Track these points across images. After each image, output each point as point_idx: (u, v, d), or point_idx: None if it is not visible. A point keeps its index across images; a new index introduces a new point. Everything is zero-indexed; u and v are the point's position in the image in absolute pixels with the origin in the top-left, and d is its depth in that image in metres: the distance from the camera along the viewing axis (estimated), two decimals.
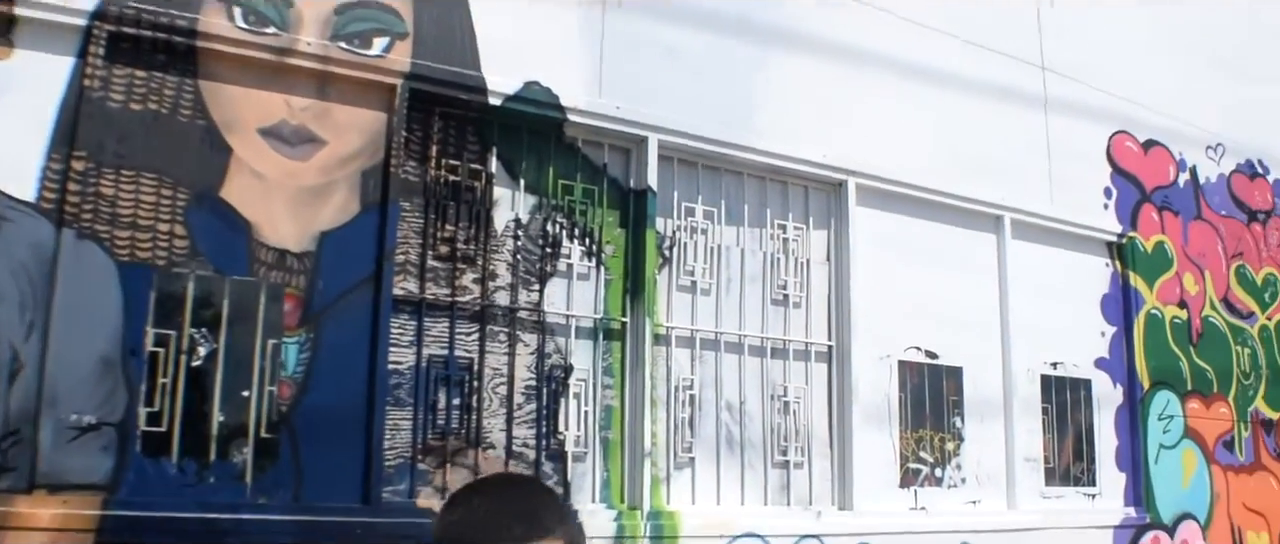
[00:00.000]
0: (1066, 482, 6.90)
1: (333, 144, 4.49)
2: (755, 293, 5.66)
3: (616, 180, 5.27)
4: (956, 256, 6.52)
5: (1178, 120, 8.12)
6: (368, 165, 4.55)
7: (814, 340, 5.81)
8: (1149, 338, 7.46)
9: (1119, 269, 7.42)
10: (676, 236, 5.42)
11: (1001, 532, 6.31)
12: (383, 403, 4.42)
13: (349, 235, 4.47)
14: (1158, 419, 7.42)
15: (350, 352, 4.37)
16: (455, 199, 4.78)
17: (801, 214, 5.91)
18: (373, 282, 4.46)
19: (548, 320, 4.96)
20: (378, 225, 4.51)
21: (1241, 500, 7.97)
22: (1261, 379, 8.37)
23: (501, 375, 4.79)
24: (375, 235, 4.51)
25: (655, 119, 5.28)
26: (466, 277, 4.77)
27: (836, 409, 5.81)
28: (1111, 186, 7.48)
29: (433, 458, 4.57)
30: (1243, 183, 8.66)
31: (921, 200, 6.34)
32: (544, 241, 5.00)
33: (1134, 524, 7.08)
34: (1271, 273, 8.68)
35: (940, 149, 6.49)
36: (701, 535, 5.10)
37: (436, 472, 4.55)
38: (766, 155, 5.68)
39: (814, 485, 5.69)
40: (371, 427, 4.37)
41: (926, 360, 6.25)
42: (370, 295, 4.45)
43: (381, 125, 4.60)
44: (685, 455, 5.27)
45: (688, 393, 5.32)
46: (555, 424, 4.89)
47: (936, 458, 6.20)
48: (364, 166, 4.54)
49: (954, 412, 6.33)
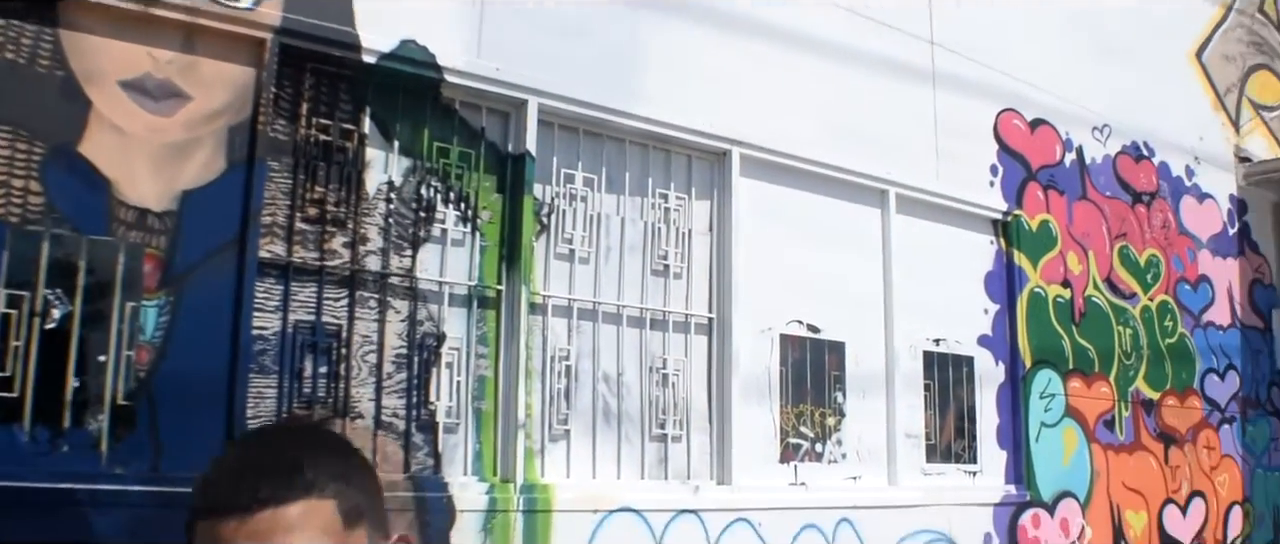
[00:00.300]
0: (947, 459, 7.09)
1: (198, 99, 4.42)
2: (635, 262, 5.73)
3: (494, 144, 5.28)
4: (841, 230, 6.66)
5: (1065, 100, 8.34)
6: (235, 122, 4.49)
7: (694, 312, 5.90)
8: (1032, 316, 7.68)
9: (1003, 247, 7.62)
10: (555, 203, 5.46)
11: (882, 508, 6.47)
12: (246, 370, 4.37)
13: (213, 195, 4.40)
14: (1039, 397, 7.64)
15: (213, 316, 4.31)
16: (326, 160, 4.76)
17: (684, 183, 5.99)
18: (237, 243, 4.39)
19: (420, 287, 4.96)
20: (244, 185, 4.44)
21: (1121, 479, 8.25)
22: (1142, 359, 8.65)
23: (371, 343, 4.79)
24: (241, 195, 4.44)
25: (536, 82, 5.30)
26: (336, 240, 4.75)
27: (716, 382, 5.91)
28: (998, 164, 7.67)
29: None
30: (1128, 164, 8.93)
31: (806, 172, 6.45)
32: (418, 206, 5.00)
33: (1014, 502, 7.29)
34: (1154, 254, 8.98)
35: (827, 121, 6.61)
36: (576, 509, 5.15)
37: None
38: (650, 122, 5.74)
39: (692, 459, 5.78)
40: (234, 395, 4.31)
41: (808, 334, 6.37)
42: (235, 258, 4.38)
43: (250, 81, 4.54)
44: (560, 428, 5.32)
45: (564, 364, 5.36)
46: (426, 394, 4.91)
47: (817, 433, 6.33)
48: (231, 123, 4.48)
49: (835, 387, 6.47)
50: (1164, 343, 8.92)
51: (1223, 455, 9.48)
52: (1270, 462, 10.19)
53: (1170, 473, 8.80)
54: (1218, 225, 9.96)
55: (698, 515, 5.59)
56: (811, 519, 6.07)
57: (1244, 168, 10.46)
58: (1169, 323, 9.02)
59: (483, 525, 4.86)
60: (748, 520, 5.78)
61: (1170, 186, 9.40)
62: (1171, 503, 8.76)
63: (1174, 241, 9.28)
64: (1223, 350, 9.69)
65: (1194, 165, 9.74)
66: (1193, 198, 9.67)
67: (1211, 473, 9.30)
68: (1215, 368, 9.54)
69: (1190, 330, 9.27)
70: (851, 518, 6.26)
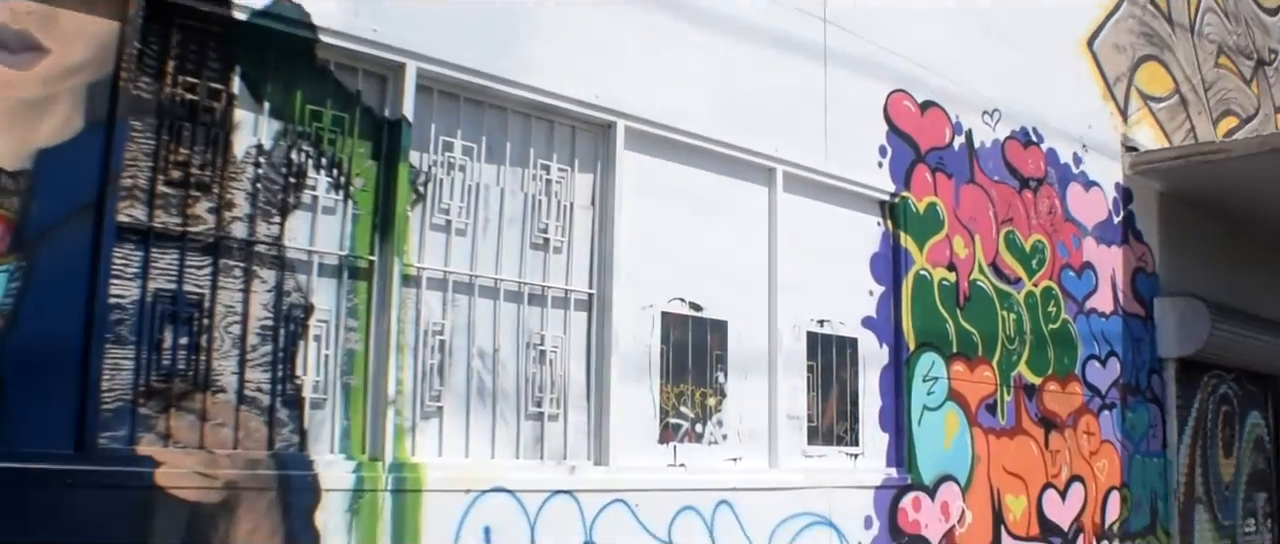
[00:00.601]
0: (829, 441, 7.13)
1: (57, 53, 4.25)
2: (514, 235, 5.66)
3: (370, 109, 5.17)
4: (726, 207, 6.65)
5: (956, 83, 8.42)
6: (95, 79, 4.31)
7: (574, 287, 5.85)
8: (917, 299, 7.75)
9: (890, 228, 7.68)
10: (432, 172, 5.37)
11: (762, 490, 6.49)
12: (102, 340, 4.23)
13: (71, 154, 4.23)
14: (922, 381, 7.72)
15: (67, 283, 4.16)
16: (192, 120, 4.61)
17: (567, 155, 5.93)
18: (95, 207, 4.24)
19: (288, 256, 4.84)
20: (103, 145, 4.28)
21: (1002, 464, 8.38)
22: (1026, 345, 8.79)
23: (235, 314, 4.66)
24: (100, 156, 4.28)
25: (415, 45, 5.20)
26: (200, 205, 4.61)
27: (595, 360, 5.88)
28: (887, 145, 7.72)
29: (156, 402, 4.41)
30: (1016, 149, 9.05)
31: (693, 147, 6.44)
32: (288, 171, 4.87)
33: (895, 485, 7.37)
34: (1040, 240, 9.11)
35: (715, 96, 6.59)
36: (447, 489, 5.09)
37: (160, 417, 4.40)
38: (533, 91, 5.67)
39: (569, 439, 5.74)
40: (88, 366, 4.17)
41: (691, 313, 6.35)
42: (92, 222, 4.23)
43: (113, 35, 4.37)
44: (433, 405, 5.24)
45: (438, 338, 5.28)
46: (292, 368, 4.79)
47: (697, 413, 6.32)
48: (91, 80, 4.30)
49: (717, 366, 6.46)
50: (1047, 328, 9.06)
51: (1102, 441, 9.69)
52: (1149, 448, 10.44)
53: (1050, 458, 8.97)
54: (1103, 213, 10.14)
55: (574, 496, 5.55)
56: (690, 501, 6.07)
57: (1131, 157, 10.67)
58: (1053, 309, 9.16)
59: (349, 505, 4.76)
60: (625, 502, 5.75)
61: (1058, 173, 9.55)
62: (1051, 487, 8.93)
63: (1060, 228, 9.43)
64: (1105, 337, 9.89)
65: (1082, 153, 9.91)
66: (1079, 185, 9.84)
67: (1091, 458, 9.49)
68: (1097, 354, 9.73)
69: (1073, 317, 9.43)
70: (731, 500, 6.27)
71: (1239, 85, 13.72)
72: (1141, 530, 10.14)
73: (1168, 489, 10.66)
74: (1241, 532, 12.18)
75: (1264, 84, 14.46)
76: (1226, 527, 11.80)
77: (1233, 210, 11.88)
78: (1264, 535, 12.83)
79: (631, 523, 5.78)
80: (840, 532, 6.92)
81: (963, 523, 7.90)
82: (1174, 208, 11.31)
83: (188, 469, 4.33)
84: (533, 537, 5.36)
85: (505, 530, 5.26)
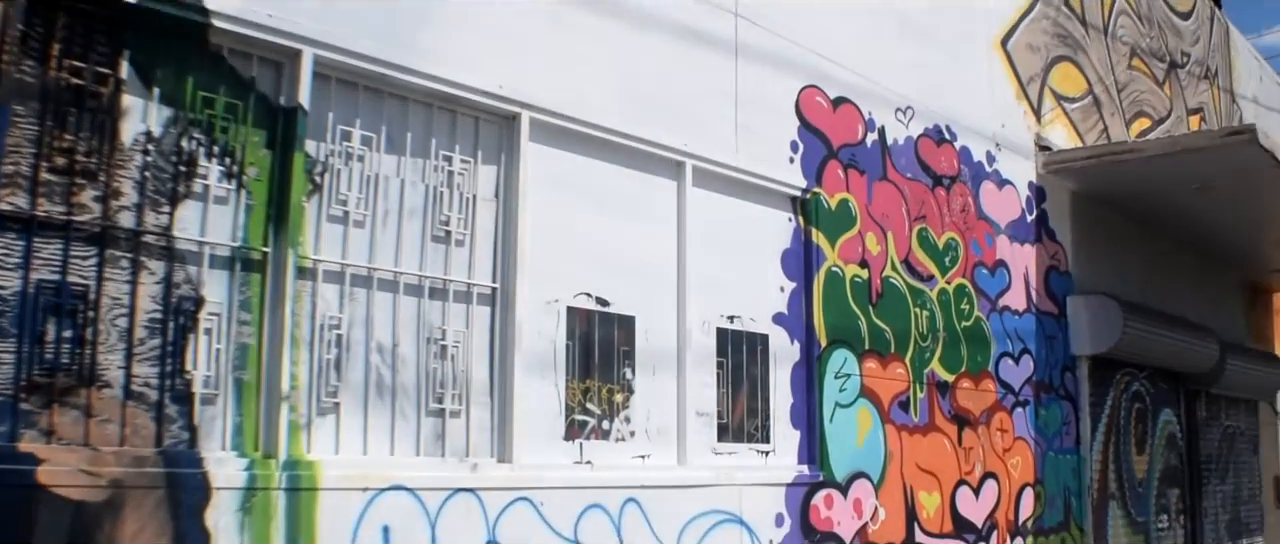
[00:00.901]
0: (739, 438, 7.10)
1: None
2: (414, 228, 5.56)
3: (265, 96, 5.05)
4: (634, 201, 6.60)
5: (869, 80, 8.44)
6: None
7: (476, 281, 5.77)
8: (828, 295, 7.74)
9: (801, 224, 7.66)
10: (329, 162, 5.26)
11: (670, 487, 6.45)
12: None
13: None
14: (834, 377, 7.71)
15: None
16: (78, 106, 4.47)
17: (470, 146, 5.85)
18: None
19: (178, 247, 4.70)
20: None
21: (915, 461, 8.40)
22: (938, 342, 8.81)
23: (122, 306, 4.52)
24: None
25: (312, 31, 5.09)
26: (86, 193, 4.47)
27: (498, 355, 5.80)
28: (798, 140, 7.71)
29: (39, 397, 4.26)
30: (929, 147, 9.08)
31: (600, 140, 6.38)
32: (178, 159, 4.74)
33: (806, 482, 7.35)
34: (953, 237, 9.15)
35: (624, 89, 6.54)
36: (344, 487, 4.98)
37: (42, 413, 4.26)
38: (435, 81, 5.58)
39: (471, 436, 5.66)
40: None
41: (597, 307, 6.29)
42: None
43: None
44: (329, 401, 5.13)
45: (335, 333, 5.17)
46: (182, 362, 4.66)
47: (604, 410, 6.26)
48: None
49: (624, 362, 6.41)
50: (960, 326, 9.11)
51: (1016, 438, 9.76)
52: (1062, 445, 10.53)
53: (964, 455, 9.00)
54: (1016, 211, 10.22)
55: (476, 494, 5.46)
56: (597, 499, 6.01)
57: (1044, 156, 10.76)
58: (965, 306, 9.21)
59: (241, 504, 4.64)
60: (529, 500, 5.68)
61: (971, 171, 9.60)
62: (964, 484, 8.97)
63: (973, 226, 9.48)
64: (1018, 335, 9.96)
65: (995, 151, 9.97)
66: (993, 183, 9.90)
67: (1004, 455, 9.55)
68: (1010, 352, 9.80)
69: (986, 314, 9.49)
70: (639, 498, 6.22)
71: (1152, 87, 13.90)
72: (1055, 527, 10.23)
73: (1081, 486, 10.77)
74: (1155, 528, 12.32)
75: (1176, 86, 14.66)
76: (1140, 523, 11.93)
77: (1145, 210, 12.04)
78: (1177, 532, 12.99)
79: (536, 522, 5.70)
80: (751, 530, 6.89)
81: (875, 520, 7.91)
82: (1087, 207, 11.44)
83: (71, 467, 4.20)
84: (433, 536, 5.26)
85: (404, 530, 5.16)
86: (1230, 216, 12.36)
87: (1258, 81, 18.17)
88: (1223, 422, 14.87)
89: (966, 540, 8.90)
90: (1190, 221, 12.52)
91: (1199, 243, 13.63)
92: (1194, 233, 13.10)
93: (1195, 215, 12.24)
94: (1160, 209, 12.02)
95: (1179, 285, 13.40)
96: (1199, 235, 13.25)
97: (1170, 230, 12.91)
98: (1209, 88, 15.85)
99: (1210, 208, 11.86)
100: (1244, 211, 12.14)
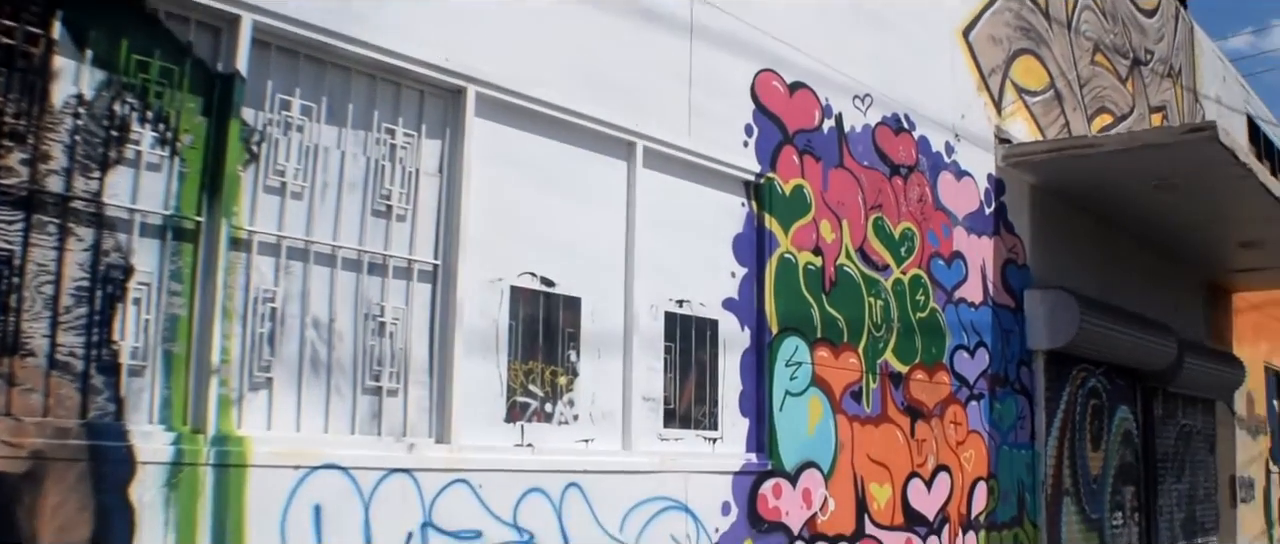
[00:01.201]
0: (687, 424, 7.05)
1: None
2: (354, 201, 5.48)
3: (202, 62, 4.95)
4: (582, 181, 6.54)
5: (827, 65, 8.40)
6: None
7: (418, 257, 5.69)
8: (780, 282, 7.70)
9: (754, 209, 7.62)
10: (267, 131, 5.16)
11: (614, 473, 6.39)
12: None
13: None
14: (785, 365, 7.67)
15: None
16: (7, 66, 4.36)
17: (414, 120, 5.77)
18: None
19: (108, 213, 4.60)
20: None
21: (866, 451, 8.37)
22: (892, 332, 8.79)
23: (48, 273, 4.42)
24: None
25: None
26: (13, 156, 4.36)
27: (438, 334, 5.73)
28: (753, 124, 7.66)
29: None
30: (887, 135, 9.06)
31: (549, 118, 6.32)
32: (110, 124, 4.64)
33: (754, 471, 7.31)
34: (909, 227, 9.13)
35: (575, 66, 6.47)
36: (275, 465, 4.89)
37: None
38: (380, 51, 5.50)
39: (409, 415, 5.58)
40: None
41: (542, 288, 6.23)
42: None
43: None
44: (262, 375, 5.05)
45: (269, 306, 5.09)
46: (109, 332, 4.56)
47: (547, 392, 6.20)
48: None
49: (569, 344, 6.35)
50: (915, 317, 9.09)
51: (970, 431, 9.75)
52: (1016, 439, 10.54)
53: (916, 447, 8.99)
54: (975, 203, 10.21)
55: (412, 475, 5.39)
56: (537, 483, 5.95)
57: (1004, 149, 10.76)
58: (921, 297, 9.19)
59: (167, 480, 4.55)
60: (467, 481, 5.61)
61: (929, 161, 9.58)
62: (917, 477, 8.95)
63: (930, 216, 9.46)
64: (974, 327, 9.95)
65: (954, 142, 9.96)
66: (951, 174, 9.89)
67: (958, 448, 9.55)
68: (965, 344, 9.79)
69: (942, 306, 9.47)
70: (581, 483, 6.16)
71: (1115, 84, 13.94)
72: (1008, 522, 10.24)
73: (1035, 481, 10.78)
74: (1109, 525, 12.37)
75: (1139, 83, 14.71)
76: (1094, 519, 11.97)
77: (1104, 205, 12.08)
78: (1131, 529, 13.05)
79: (474, 504, 5.63)
80: (696, 518, 6.84)
81: (825, 511, 7.87)
82: (1046, 201, 11.46)
83: None
84: (367, 517, 5.19)
85: (337, 510, 5.08)
86: (1189, 215, 12.42)
87: (1221, 82, 18.28)
88: (1180, 420, 14.95)
89: (918, 533, 8.88)
90: (1150, 219, 12.59)
91: (1159, 241, 13.69)
92: (1154, 231, 13.17)
93: (1155, 213, 12.30)
94: (1120, 205, 12.06)
95: (1138, 283, 13.46)
96: (1159, 233, 13.32)
97: (1130, 227, 12.96)
98: (1172, 86, 15.92)
99: (1170, 206, 11.92)
100: (1203, 210, 12.19)
